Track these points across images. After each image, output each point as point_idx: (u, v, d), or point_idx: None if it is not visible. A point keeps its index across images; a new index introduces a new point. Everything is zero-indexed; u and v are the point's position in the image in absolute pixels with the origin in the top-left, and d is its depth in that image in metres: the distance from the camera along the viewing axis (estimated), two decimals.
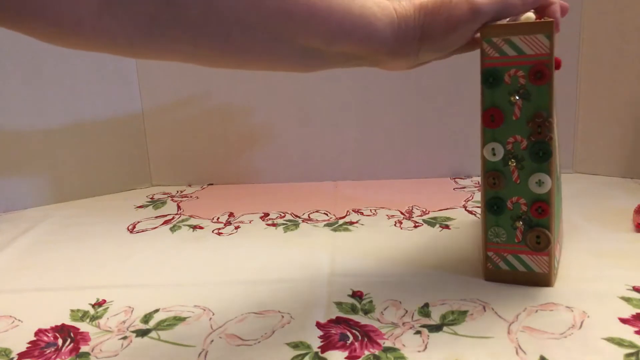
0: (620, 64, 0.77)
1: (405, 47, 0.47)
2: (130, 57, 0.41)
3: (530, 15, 0.52)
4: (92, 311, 0.52)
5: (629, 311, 0.48)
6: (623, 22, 0.76)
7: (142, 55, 0.42)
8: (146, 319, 0.50)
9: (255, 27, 0.42)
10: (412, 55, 0.48)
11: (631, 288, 0.51)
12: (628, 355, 0.42)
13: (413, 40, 0.47)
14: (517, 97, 0.48)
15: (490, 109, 0.49)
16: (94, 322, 0.50)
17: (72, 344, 0.47)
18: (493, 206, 0.51)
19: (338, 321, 0.48)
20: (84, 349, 0.46)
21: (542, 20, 0.48)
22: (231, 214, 0.76)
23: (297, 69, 0.48)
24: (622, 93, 0.59)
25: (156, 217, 0.76)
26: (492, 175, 0.51)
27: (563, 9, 0.50)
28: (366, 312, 0.49)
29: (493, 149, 0.50)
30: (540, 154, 0.49)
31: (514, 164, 0.50)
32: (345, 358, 0.43)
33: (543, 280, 0.52)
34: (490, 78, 0.49)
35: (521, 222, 0.51)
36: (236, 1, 0.40)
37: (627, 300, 0.49)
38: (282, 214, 0.75)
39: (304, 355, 0.43)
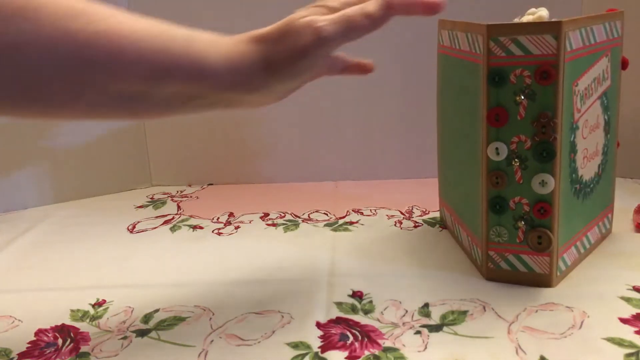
0: None
1: (249, 81, 0.44)
2: None
3: (542, 14, 0.52)
4: (92, 311, 0.52)
5: (629, 311, 0.48)
6: (623, 22, 0.75)
7: None
8: (146, 319, 0.50)
9: (54, 77, 0.38)
10: (263, 88, 0.44)
11: (631, 288, 0.51)
12: (628, 355, 0.42)
13: (256, 72, 0.43)
14: (522, 97, 0.48)
15: (495, 108, 0.49)
16: (94, 322, 0.50)
17: (72, 344, 0.47)
18: (495, 205, 0.51)
19: (338, 321, 0.48)
20: (84, 349, 0.46)
21: (551, 20, 0.48)
22: (231, 214, 0.76)
23: (124, 116, 0.45)
24: (622, 93, 0.59)
25: (156, 217, 0.76)
26: (495, 174, 0.51)
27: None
28: (366, 312, 0.49)
29: (497, 149, 0.50)
30: (544, 154, 0.48)
31: (518, 163, 0.50)
32: (345, 358, 0.43)
33: (544, 281, 0.52)
34: (495, 77, 0.48)
35: (523, 222, 0.51)
36: (26, 53, 0.37)
37: (627, 300, 0.49)
38: (282, 214, 0.75)
39: (304, 355, 0.43)
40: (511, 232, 0.52)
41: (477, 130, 0.52)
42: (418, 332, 0.46)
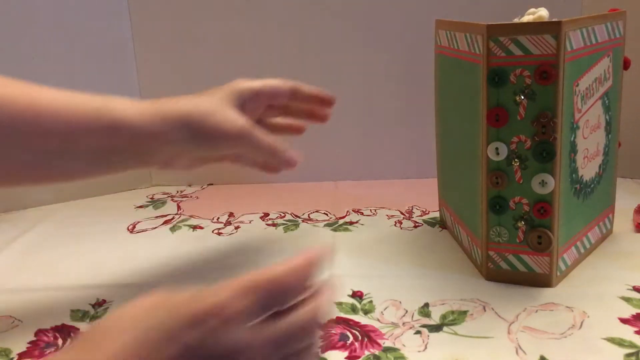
0: None
1: (169, 156, 0.51)
2: None
3: (542, 14, 0.52)
4: (92, 311, 0.52)
5: (629, 311, 0.48)
6: (625, 22, 0.75)
7: None
8: None
9: None
10: (182, 153, 0.51)
11: (631, 288, 0.51)
12: (628, 355, 0.42)
13: (177, 136, 0.48)
14: (522, 97, 0.48)
15: (495, 108, 0.49)
16: (94, 322, 0.50)
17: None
18: (495, 205, 0.51)
19: (338, 321, 0.48)
20: None
21: (551, 20, 0.48)
22: (231, 214, 0.76)
23: (50, 179, 0.49)
24: (624, 93, 0.59)
25: (156, 217, 0.76)
26: (495, 174, 0.51)
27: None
28: (366, 312, 0.49)
29: (497, 149, 0.50)
30: (544, 154, 0.48)
31: (518, 163, 0.50)
32: (345, 358, 0.43)
33: (544, 280, 0.52)
34: (495, 77, 0.48)
35: (523, 222, 0.51)
36: None
37: (627, 300, 0.49)
38: (282, 214, 0.75)
39: None
40: (511, 232, 0.52)
41: (477, 130, 0.52)
42: (418, 332, 0.46)
